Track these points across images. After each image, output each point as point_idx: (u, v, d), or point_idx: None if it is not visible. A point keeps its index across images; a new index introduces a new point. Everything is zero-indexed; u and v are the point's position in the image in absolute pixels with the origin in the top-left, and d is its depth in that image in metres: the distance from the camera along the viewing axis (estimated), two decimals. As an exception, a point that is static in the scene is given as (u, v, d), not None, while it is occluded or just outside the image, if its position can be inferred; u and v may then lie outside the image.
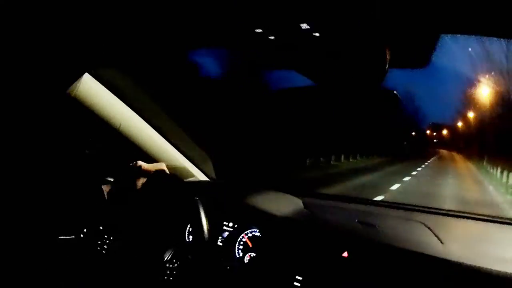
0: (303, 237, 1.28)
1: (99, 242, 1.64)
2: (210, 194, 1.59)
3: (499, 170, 11.74)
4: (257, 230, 1.42)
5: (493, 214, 1.44)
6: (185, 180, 1.76)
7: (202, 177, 1.77)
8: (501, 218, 1.40)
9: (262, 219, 1.41)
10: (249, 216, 1.45)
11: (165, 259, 1.48)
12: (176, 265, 1.47)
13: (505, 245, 1.21)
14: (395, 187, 9.58)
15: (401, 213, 1.56)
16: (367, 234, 1.28)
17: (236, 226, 1.47)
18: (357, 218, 1.42)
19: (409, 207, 1.61)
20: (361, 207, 1.65)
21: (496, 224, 1.38)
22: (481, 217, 1.44)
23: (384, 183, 10.27)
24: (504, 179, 10.45)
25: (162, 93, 1.62)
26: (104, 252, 1.62)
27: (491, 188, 10.34)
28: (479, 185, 11.29)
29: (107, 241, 1.63)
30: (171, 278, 1.44)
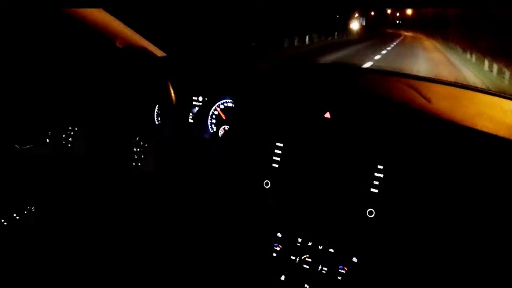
0: (281, 101, 1.16)
1: (63, 136, 1.50)
2: (174, 69, 1.42)
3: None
4: (230, 100, 1.30)
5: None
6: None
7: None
8: (482, 88, 1.33)
9: (234, 88, 1.28)
10: (220, 87, 1.32)
11: (132, 143, 1.38)
12: (144, 148, 1.37)
13: (488, 109, 1.15)
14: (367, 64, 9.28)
15: (384, 77, 1.45)
16: (350, 94, 1.18)
17: (206, 99, 1.34)
18: (338, 81, 1.31)
19: (392, 72, 1.51)
20: (340, 71, 1.53)
21: (480, 93, 1.31)
22: (465, 85, 1.36)
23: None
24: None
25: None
26: (69, 145, 1.49)
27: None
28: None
29: (71, 133, 1.49)
30: (139, 164, 1.35)
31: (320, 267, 1.07)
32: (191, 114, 1.36)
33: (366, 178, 1.02)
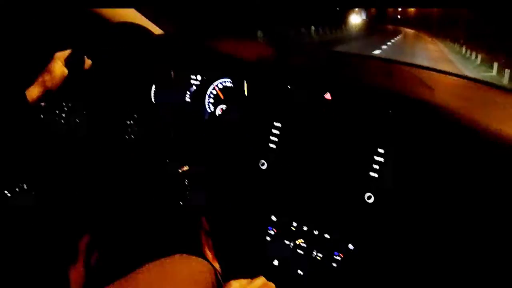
0: (281, 81, 1.12)
1: (57, 112, 1.46)
2: (172, 48, 1.38)
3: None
4: (229, 80, 1.26)
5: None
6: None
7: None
8: (488, 82, 1.29)
9: (233, 67, 1.24)
10: (219, 66, 1.28)
11: (128, 120, 1.34)
12: (139, 124, 1.34)
13: (492, 104, 1.12)
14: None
15: (388, 64, 1.42)
16: (351, 76, 1.14)
17: (204, 78, 1.30)
18: (340, 63, 1.28)
19: (397, 61, 1.47)
20: (343, 55, 1.50)
21: (484, 86, 1.27)
22: (470, 77, 1.32)
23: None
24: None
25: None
26: (63, 121, 1.45)
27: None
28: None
29: (66, 109, 1.45)
30: (132, 136, 1.31)
31: (315, 253, 1.05)
32: (188, 93, 1.33)
33: (366, 162, 0.99)
